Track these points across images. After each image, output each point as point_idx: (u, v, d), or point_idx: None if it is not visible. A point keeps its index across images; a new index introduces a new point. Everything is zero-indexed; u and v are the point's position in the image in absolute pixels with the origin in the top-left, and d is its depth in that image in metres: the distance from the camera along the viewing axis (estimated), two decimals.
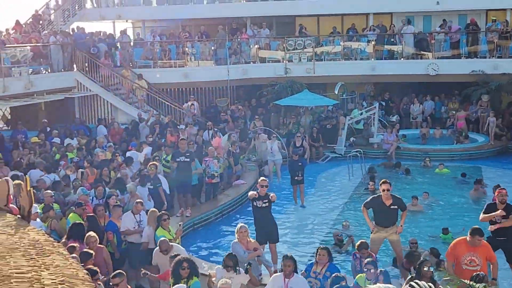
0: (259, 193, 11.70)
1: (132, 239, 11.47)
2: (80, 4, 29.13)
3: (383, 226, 11.09)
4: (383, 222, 11.09)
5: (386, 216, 11.03)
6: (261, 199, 11.67)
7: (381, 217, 11.10)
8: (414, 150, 22.81)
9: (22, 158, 16.78)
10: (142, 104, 24.56)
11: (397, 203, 11.06)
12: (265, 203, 11.65)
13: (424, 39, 26.78)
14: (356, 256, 10.38)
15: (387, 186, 10.96)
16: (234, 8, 28.96)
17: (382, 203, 10.99)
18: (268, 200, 11.64)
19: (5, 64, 21.45)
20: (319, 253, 9.70)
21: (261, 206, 11.65)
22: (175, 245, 10.15)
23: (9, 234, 5.14)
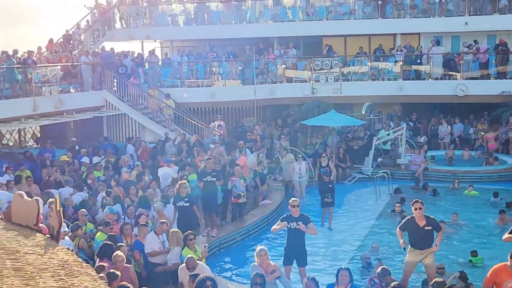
0: (292, 214, 11.62)
1: (157, 260, 11.45)
2: (110, 25, 29.53)
3: (418, 249, 10.89)
4: (418, 244, 10.88)
5: (421, 238, 10.82)
6: (294, 220, 11.58)
7: (416, 239, 10.89)
8: (442, 172, 22.53)
9: (50, 176, 17.00)
10: (169, 123, 24.75)
11: (431, 224, 10.86)
12: (298, 225, 11.56)
13: (452, 59, 26.60)
14: (375, 282, 10.23)
15: (419, 205, 10.79)
16: (261, 28, 29.08)
17: (415, 224, 10.80)
18: (302, 222, 11.53)
19: (36, 83, 21.80)
20: (340, 274, 9.59)
21: (294, 228, 11.55)
22: (200, 264, 10.14)
23: (39, 254, 5.18)
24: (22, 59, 22.89)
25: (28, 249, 5.27)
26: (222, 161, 19.03)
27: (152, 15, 30.16)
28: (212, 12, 30.01)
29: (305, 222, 11.60)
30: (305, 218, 11.67)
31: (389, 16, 28.38)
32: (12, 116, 20.82)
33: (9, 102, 20.97)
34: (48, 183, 15.89)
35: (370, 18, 28.55)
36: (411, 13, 28.10)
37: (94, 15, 30.10)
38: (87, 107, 24.33)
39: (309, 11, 29.26)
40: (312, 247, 14.92)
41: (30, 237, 5.81)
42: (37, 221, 6.38)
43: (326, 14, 28.84)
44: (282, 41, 29.73)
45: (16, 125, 21.40)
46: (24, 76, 22.09)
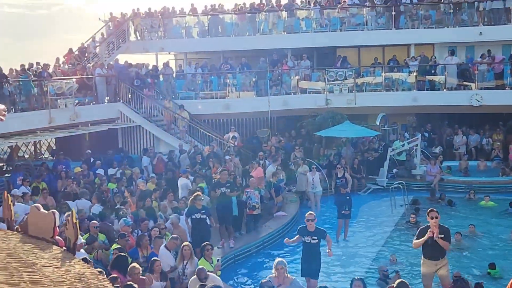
0: (308, 228, 11.57)
1: (172, 274, 11.44)
2: (124, 37, 29.74)
3: (433, 259, 10.80)
4: (433, 254, 10.79)
5: (435, 247, 10.71)
6: (310, 234, 11.53)
7: (430, 249, 10.78)
8: (458, 182, 22.37)
9: (66, 188, 17.09)
10: (183, 135, 24.80)
11: (444, 232, 10.74)
12: (314, 240, 11.51)
13: (467, 69, 26.47)
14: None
15: (435, 214, 10.70)
16: (275, 39, 29.13)
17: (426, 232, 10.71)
18: (317, 237, 11.49)
19: (52, 96, 21.96)
20: (354, 284, 9.61)
21: (309, 242, 11.51)
22: (211, 275, 10.11)
23: (56, 267, 5.17)
24: (38, 72, 23.09)
25: (45, 261, 5.26)
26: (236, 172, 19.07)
27: (166, 27, 30.34)
28: (226, 24, 30.11)
29: (321, 237, 11.61)
30: (321, 232, 11.67)
31: (403, 27, 28.32)
32: (28, 129, 20.97)
33: (25, 115, 21.13)
34: (67, 194, 15.96)
35: (383, 29, 28.51)
36: (425, 23, 28.02)
37: (109, 28, 30.38)
38: (102, 119, 24.47)
39: (323, 22, 29.27)
40: (328, 258, 14.84)
41: (46, 250, 5.80)
42: (53, 234, 6.38)
43: (340, 25, 28.83)
44: (295, 52, 29.76)
45: (32, 137, 21.55)
46: (40, 89, 22.29)
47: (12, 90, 21.32)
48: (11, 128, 19.69)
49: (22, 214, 12.85)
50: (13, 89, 21.50)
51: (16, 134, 20.37)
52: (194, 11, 30.80)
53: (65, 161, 21.35)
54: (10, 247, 5.71)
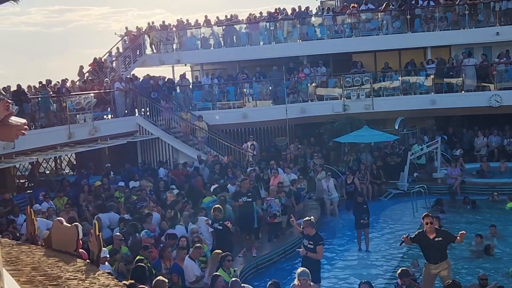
0: (307, 233, 11.62)
1: (196, 285, 11.45)
2: (141, 51, 29.94)
3: (432, 263, 10.81)
4: (431, 257, 10.83)
5: (433, 250, 10.77)
6: (308, 238, 11.59)
7: (428, 252, 10.86)
8: (480, 184, 22.13)
9: (87, 202, 17.21)
10: (202, 146, 24.86)
11: (442, 235, 10.77)
12: (311, 244, 11.55)
13: (484, 69, 26.27)
14: (398, 284, 10.37)
15: (429, 219, 10.76)
16: (290, 48, 29.16)
17: (426, 237, 10.76)
18: (313, 242, 11.51)
19: (71, 111, 22.15)
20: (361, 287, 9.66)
21: (306, 245, 11.57)
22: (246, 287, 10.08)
23: (80, 279, 5.19)
24: (56, 88, 23.32)
25: (69, 274, 5.29)
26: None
27: (181, 39, 30.51)
28: (241, 34, 30.21)
29: (316, 243, 11.64)
30: (318, 238, 11.74)
31: (418, 30, 28.20)
32: (48, 145, 21.16)
33: (45, 131, 21.31)
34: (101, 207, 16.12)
35: (399, 32, 28.40)
36: (440, 25, 27.88)
37: (124, 42, 30.61)
38: (121, 133, 24.61)
39: (338, 28, 29.26)
40: (350, 269, 14.73)
41: (70, 263, 5.84)
42: (77, 247, 6.42)
43: (354, 31, 28.78)
44: (311, 59, 29.75)
45: (52, 153, 21.72)
46: (59, 105, 22.49)
47: (31, 107, 21.54)
48: (31, 144, 19.86)
49: (44, 229, 12.97)
50: (33, 106, 21.73)
51: (36, 150, 20.55)
52: (209, 23, 30.95)
53: (86, 175, 21.50)
54: (34, 261, 5.76)
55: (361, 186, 21.30)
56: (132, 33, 30.73)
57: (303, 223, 11.88)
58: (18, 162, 20.82)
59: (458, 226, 17.91)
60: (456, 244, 11.98)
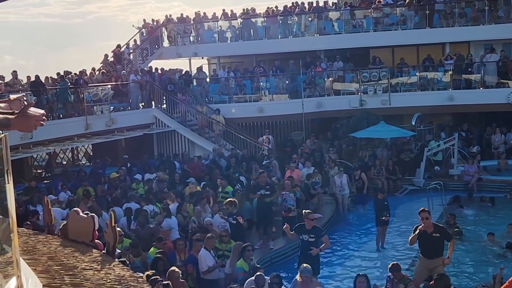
0: (306, 226, 11.60)
1: (211, 276, 11.49)
2: (158, 43, 30.00)
3: (427, 257, 10.85)
4: (427, 252, 10.85)
5: (429, 245, 10.77)
6: (308, 232, 11.55)
7: (424, 247, 10.87)
8: (497, 182, 21.92)
9: (105, 193, 17.34)
10: (218, 139, 24.90)
11: (439, 231, 10.78)
12: (312, 238, 11.51)
13: (503, 66, 26.02)
14: (390, 278, 10.38)
15: (425, 215, 10.75)
16: (307, 42, 29.06)
17: (423, 232, 10.74)
18: (315, 235, 11.47)
19: (88, 103, 22.29)
20: (358, 280, 9.85)
21: (307, 240, 11.56)
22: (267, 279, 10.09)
23: (96, 270, 5.23)
24: (74, 80, 23.46)
25: (85, 265, 5.34)
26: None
27: (199, 32, 30.52)
28: (258, 28, 30.16)
29: (318, 235, 11.74)
30: (318, 231, 11.83)
31: (437, 25, 27.97)
32: (66, 136, 21.31)
33: (62, 122, 21.48)
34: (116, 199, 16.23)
35: (418, 28, 28.19)
36: (459, 21, 27.63)
37: (142, 34, 30.68)
38: (137, 125, 24.72)
39: (356, 23, 29.11)
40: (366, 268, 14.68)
41: (86, 253, 5.88)
42: (93, 237, 6.47)
43: (373, 26, 28.62)
44: (328, 53, 29.63)
45: (69, 144, 21.89)
46: (76, 96, 22.63)
47: (49, 98, 21.71)
48: (49, 135, 20.03)
49: (59, 220, 13.09)
50: (50, 96, 21.89)
51: (54, 141, 20.72)
52: (226, 16, 30.93)
53: (102, 166, 21.63)
54: (51, 251, 5.81)
55: (377, 182, 21.22)
56: (149, 26, 30.79)
57: (307, 214, 11.87)
58: (36, 153, 21.00)
59: (473, 225, 17.84)
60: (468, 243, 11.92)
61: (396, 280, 10.16)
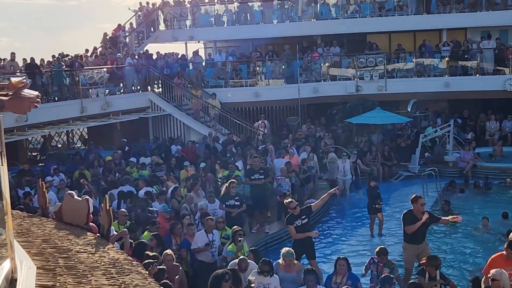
0: (294, 214, 11.70)
1: (202, 258, 11.50)
2: (154, 27, 29.85)
3: (415, 243, 11.01)
4: (416, 238, 10.99)
5: (420, 232, 10.92)
6: (298, 217, 11.69)
7: (414, 234, 10.94)
8: (492, 169, 21.97)
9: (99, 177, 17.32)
10: (214, 123, 24.86)
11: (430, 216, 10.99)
12: (304, 219, 11.63)
13: (499, 53, 26.00)
14: (374, 261, 10.43)
15: (422, 201, 10.91)
16: (304, 27, 28.94)
17: (415, 218, 10.85)
18: (305, 215, 11.64)
19: (83, 86, 22.20)
20: (338, 263, 9.90)
21: (301, 224, 11.61)
22: (251, 263, 10.12)
23: (90, 252, 5.24)
24: (70, 62, 23.35)
25: (79, 247, 5.34)
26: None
27: (195, 16, 30.38)
28: (255, 12, 30.02)
29: (308, 214, 11.88)
30: (307, 210, 11.92)
31: (434, 12, 27.87)
32: (61, 119, 21.26)
33: (58, 105, 21.42)
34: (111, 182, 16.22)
35: (415, 14, 28.09)
36: (457, 7, 27.54)
37: (138, 17, 30.52)
38: (133, 109, 24.65)
39: (353, 8, 29.00)
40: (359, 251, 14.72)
41: (81, 236, 5.90)
42: (87, 220, 6.48)
43: (371, 11, 28.52)
44: (325, 39, 29.54)
45: (64, 127, 21.84)
46: (72, 79, 22.54)
47: (44, 81, 21.62)
48: (44, 118, 19.98)
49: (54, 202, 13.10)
50: (46, 79, 21.80)
51: (49, 124, 20.66)
52: (222, 0, 30.77)
53: (98, 149, 21.59)
54: (45, 233, 5.81)
55: (372, 168, 21.26)
56: (146, 9, 30.63)
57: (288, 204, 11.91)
58: (31, 135, 20.96)
59: (468, 211, 17.91)
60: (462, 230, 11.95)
61: (381, 264, 10.22)
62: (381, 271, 10.10)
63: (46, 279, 4.05)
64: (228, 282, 8.57)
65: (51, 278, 4.10)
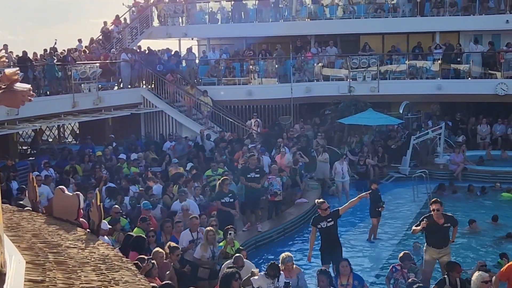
0: (321, 214, 11.53)
1: (189, 256, 11.48)
2: (148, 23, 29.77)
3: (436, 247, 10.87)
4: (436, 242, 10.86)
5: (439, 236, 10.82)
6: (324, 219, 11.49)
7: (434, 238, 10.86)
8: (482, 172, 22.05)
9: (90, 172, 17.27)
10: (206, 121, 24.84)
11: (449, 221, 10.90)
12: (330, 222, 11.43)
13: (492, 57, 26.11)
14: (396, 268, 10.35)
15: (437, 206, 10.78)
16: (298, 26, 28.96)
17: (434, 223, 10.73)
18: (332, 218, 11.42)
19: (75, 80, 22.12)
20: (341, 265, 9.94)
21: (326, 226, 11.45)
22: (247, 263, 10.09)
23: (80, 248, 5.22)
24: (62, 57, 23.25)
25: (69, 243, 5.32)
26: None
27: (189, 13, 30.32)
28: (249, 10, 30.00)
29: (336, 217, 11.61)
30: (335, 213, 11.65)
31: (428, 14, 27.95)
32: (52, 113, 21.17)
33: (49, 99, 21.32)
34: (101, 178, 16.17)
35: (408, 16, 28.16)
36: (450, 11, 27.62)
37: (132, 13, 30.41)
38: (125, 104, 24.57)
39: (347, 9, 29.04)
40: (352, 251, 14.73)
41: (71, 232, 5.87)
42: (77, 216, 6.45)
43: (365, 12, 28.57)
44: (319, 39, 29.56)
45: (56, 121, 21.74)
46: (64, 73, 22.45)
47: (36, 74, 21.52)
48: (35, 111, 19.88)
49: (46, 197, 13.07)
50: (38, 73, 21.69)
51: (40, 118, 20.57)
52: None
53: (91, 144, 21.52)
54: (35, 228, 5.78)
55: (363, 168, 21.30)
56: (140, 4, 30.54)
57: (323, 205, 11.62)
58: (21, 129, 20.86)
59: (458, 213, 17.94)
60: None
61: (405, 270, 10.13)
62: (407, 276, 10.03)
63: (35, 274, 4.03)
64: (237, 281, 8.55)
65: (40, 273, 4.08)
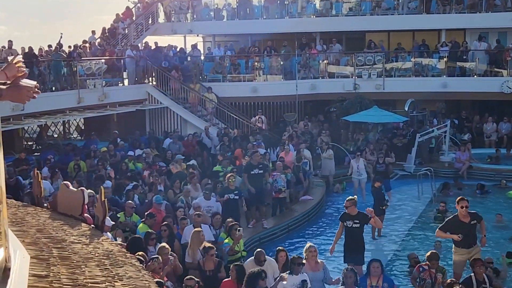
0: (350, 213, 11.36)
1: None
2: (153, 19, 29.76)
3: (466, 247, 10.61)
4: (465, 242, 10.58)
5: (468, 235, 10.56)
6: (352, 218, 11.31)
7: (462, 238, 10.56)
8: (487, 170, 21.99)
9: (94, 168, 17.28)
10: (211, 117, 24.84)
11: (475, 218, 10.65)
12: (356, 224, 11.28)
13: (498, 55, 26.01)
14: (423, 268, 10.05)
15: (465, 203, 10.56)
16: (304, 23, 28.91)
17: (461, 222, 10.53)
18: (359, 221, 11.30)
19: (81, 76, 22.15)
20: (372, 266, 9.64)
21: (351, 226, 11.32)
22: (268, 259, 9.96)
23: (84, 243, 5.23)
24: (68, 53, 23.28)
25: (73, 238, 5.33)
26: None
27: (195, 9, 30.31)
28: (255, 7, 29.98)
29: (364, 221, 11.40)
30: (363, 217, 11.40)
31: (434, 12, 27.87)
32: (57, 109, 21.19)
33: (55, 95, 21.34)
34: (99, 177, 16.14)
35: (414, 13, 28.09)
36: (456, 8, 27.53)
37: (138, 9, 30.42)
38: (130, 100, 24.59)
39: (352, 6, 28.98)
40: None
41: (75, 227, 5.88)
42: (82, 211, 6.47)
43: (370, 9, 28.50)
44: (324, 36, 29.51)
45: (61, 117, 21.75)
46: (70, 69, 22.47)
47: (42, 70, 21.55)
48: (40, 107, 19.89)
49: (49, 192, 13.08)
50: (43, 69, 21.73)
51: (45, 114, 20.60)
52: None
53: (95, 140, 21.56)
54: (40, 223, 5.79)
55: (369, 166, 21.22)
56: (145, 1, 30.54)
57: (347, 202, 11.48)
58: (27, 124, 20.90)
59: None
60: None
61: (433, 270, 9.94)
62: (435, 277, 9.85)
63: (39, 269, 4.04)
64: (264, 281, 8.49)
65: (44, 268, 4.09)
